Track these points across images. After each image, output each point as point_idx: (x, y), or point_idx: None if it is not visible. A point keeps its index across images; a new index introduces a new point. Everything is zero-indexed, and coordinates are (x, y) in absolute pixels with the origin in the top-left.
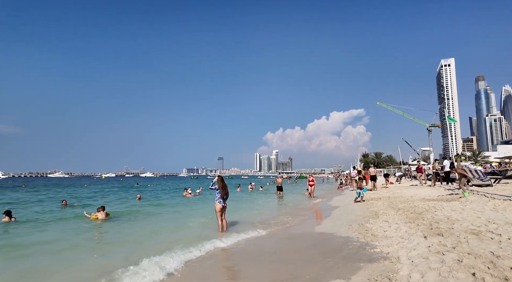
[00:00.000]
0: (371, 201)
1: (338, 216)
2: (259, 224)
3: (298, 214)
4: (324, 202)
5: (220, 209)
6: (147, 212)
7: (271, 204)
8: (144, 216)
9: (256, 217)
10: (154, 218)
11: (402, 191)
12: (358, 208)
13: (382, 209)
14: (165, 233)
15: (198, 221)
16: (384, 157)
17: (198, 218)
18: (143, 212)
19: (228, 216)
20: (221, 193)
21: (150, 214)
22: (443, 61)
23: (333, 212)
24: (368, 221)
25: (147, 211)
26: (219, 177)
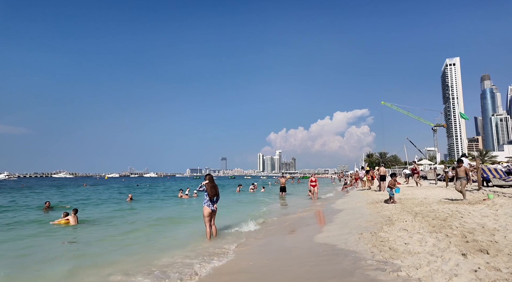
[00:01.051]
0: (381, 203)
1: (345, 222)
2: (253, 230)
3: (299, 217)
4: (328, 204)
5: (209, 213)
6: (129, 216)
7: (272, 205)
8: (122, 221)
9: (252, 221)
10: (129, 226)
11: (413, 192)
12: (367, 211)
13: (396, 213)
14: (132, 247)
15: (184, 228)
16: (389, 156)
17: (185, 223)
18: (125, 216)
19: (223, 219)
20: (210, 195)
21: (129, 219)
22: (448, 60)
23: (338, 215)
24: (381, 228)
25: (130, 215)
26: (208, 176)
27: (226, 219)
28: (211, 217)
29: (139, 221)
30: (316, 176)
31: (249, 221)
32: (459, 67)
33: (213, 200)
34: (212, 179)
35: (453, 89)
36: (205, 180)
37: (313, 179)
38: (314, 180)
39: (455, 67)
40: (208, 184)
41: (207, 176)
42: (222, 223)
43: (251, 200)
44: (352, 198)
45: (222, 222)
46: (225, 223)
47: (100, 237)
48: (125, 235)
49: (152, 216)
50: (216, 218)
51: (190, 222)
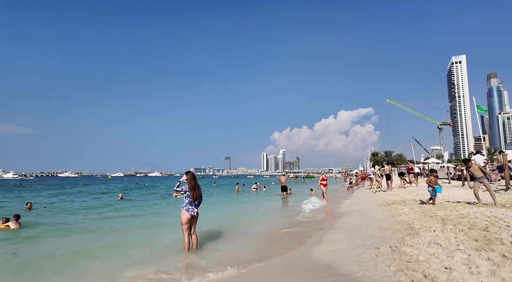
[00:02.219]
0: (394, 204)
1: (355, 229)
2: (244, 241)
3: (300, 223)
4: (334, 206)
5: (188, 219)
6: (103, 219)
7: (271, 208)
8: (89, 226)
9: (245, 228)
10: (94, 232)
11: (426, 191)
12: (379, 215)
13: (417, 219)
14: (76, 263)
15: (162, 235)
16: (394, 155)
17: (167, 229)
18: (96, 218)
19: (211, 226)
20: (191, 197)
21: (99, 224)
22: (454, 58)
23: (346, 220)
24: (404, 240)
25: (107, 217)
26: (189, 174)
27: (219, 223)
28: (191, 224)
29: (111, 225)
30: (327, 175)
31: (242, 226)
32: (465, 65)
33: (194, 204)
34: (194, 177)
35: (459, 87)
36: (186, 177)
37: (325, 178)
38: (325, 178)
39: (461, 65)
40: (189, 183)
41: (187, 173)
42: (214, 228)
43: (251, 200)
44: (359, 198)
45: (213, 226)
46: (215, 229)
47: (44, 249)
48: (80, 243)
49: (132, 218)
50: (203, 223)
51: (174, 227)
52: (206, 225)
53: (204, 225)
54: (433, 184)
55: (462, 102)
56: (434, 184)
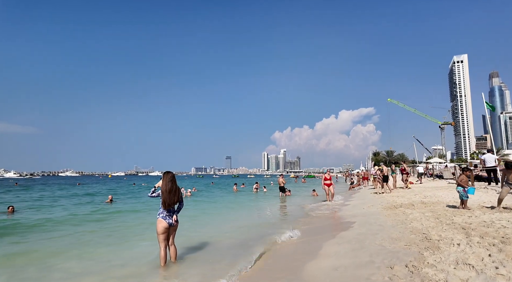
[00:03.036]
0: (401, 208)
1: (360, 238)
2: (231, 252)
3: (297, 229)
4: (335, 208)
5: (165, 228)
6: (88, 221)
7: (265, 211)
8: (59, 230)
9: (232, 236)
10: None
11: (434, 193)
12: (387, 220)
13: (432, 226)
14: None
15: (139, 245)
16: (396, 155)
17: (148, 236)
18: (69, 222)
19: (197, 233)
20: (166, 202)
21: (69, 230)
22: (455, 58)
23: (349, 226)
24: (422, 256)
25: (85, 221)
26: (168, 175)
27: (205, 230)
28: (168, 234)
29: (80, 231)
30: (330, 174)
31: (230, 234)
32: (467, 64)
33: (172, 210)
34: (173, 179)
35: (461, 86)
36: (162, 179)
37: (328, 176)
38: (328, 177)
39: (463, 64)
40: (164, 185)
41: (166, 173)
42: (192, 239)
43: (246, 201)
44: (362, 200)
45: (197, 235)
46: (196, 238)
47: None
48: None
49: (112, 222)
50: (190, 230)
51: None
52: (192, 232)
53: (189, 231)
54: (464, 184)
55: (464, 101)
56: (465, 184)
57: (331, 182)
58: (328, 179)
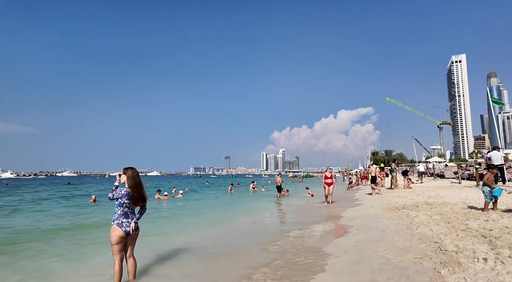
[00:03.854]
0: (404, 210)
1: (359, 248)
2: (206, 267)
3: (287, 236)
4: (331, 210)
5: (121, 238)
6: (49, 230)
7: (257, 214)
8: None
9: (212, 246)
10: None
11: (438, 193)
12: (389, 225)
13: (445, 233)
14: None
15: (97, 255)
16: (395, 154)
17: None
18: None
19: (163, 241)
20: (129, 205)
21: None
22: (454, 57)
23: (347, 231)
24: (439, 275)
25: (52, 229)
26: (131, 171)
27: (174, 240)
28: (125, 244)
29: (42, 243)
30: (331, 172)
31: (210, 243)
32: (465, 64)
33: (131, 214)
34: (135, 175)
35: (459, 86)
36: (121, 175)
37: (329, 175)
38: (330, 176)
39: (461, 64)
40: (128, 180)
41: (128, 169)
42: (162, 249)
43: (238, 202)
44: (362, 200)
45: (172, 240)
46: (167, 248)
47: None
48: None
49: (80, 228)
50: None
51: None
52: (162, 238)
53: (159, 237)
54: (490, 183)
55: (462, 101)
56: (492, 183)
57: (333, 180)
58: (329, 177)
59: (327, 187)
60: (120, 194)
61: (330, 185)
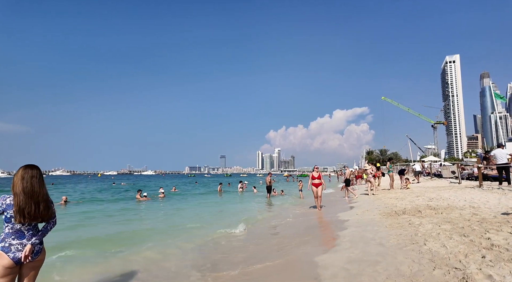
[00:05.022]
0: (404, 215)
1: (352, 273)
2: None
3: (267, 253)
4: (321, 213)
5: (6, 269)
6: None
7: (224, 221)
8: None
9: (168, 266)
10: None
11: (439, 194)
12: (389, 235)
13: (462, 251)
14: None
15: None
16: (390, 154)
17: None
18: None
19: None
20: (26, 211)
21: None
22: (448, 58)
23: (336, 244)
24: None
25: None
26: (28, 170)
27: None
28: (15, 276)
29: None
30: (319, 171)
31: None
32: (459, 64)
33: (29, 232)
34: (30, 178)
35: (453, 86)
36: (16, 176)
37: (316, 175)
38: (318, 176)
39: (455, 64)
40: (22, 184)
41: (26, 168)
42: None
43: (226, 204)
44: (358, 203)
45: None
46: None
47: None
48: None
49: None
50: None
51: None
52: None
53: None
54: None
55: (456, 101)
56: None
57: (321, 181)
58: (317, 177)
59: (314, 188)
60: (3, 204)
61: (318, 186)
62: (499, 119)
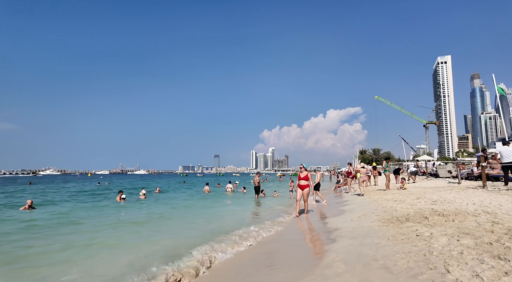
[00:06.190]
0: (409, 222)
1: None
2: None
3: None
4: (311, 218)
5: None
6: None
7: (204, 236)
8: None
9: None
10: None
11: (441, 196)
12: (395, 253)
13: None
14: None
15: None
16: (383, 153)
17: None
18: None
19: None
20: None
21: None
22: (439, 59)
23: (326, 266)
24: None
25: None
26: None
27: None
28: None
29: None
30: (308, 171)
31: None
32: (451, 65)
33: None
34: None
35: (444, 87)
36: None
37: (302, 175)
38: (304, 177)
39: (447, 65)
40: None
41: None
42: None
43: (210, 206)
44: (351, 205)
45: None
46: None
47: None
48: None
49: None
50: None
51: None
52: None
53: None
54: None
55: (447, 101)
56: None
57: (308, 183)
58: (303, 178)
59: (299, 191)
60: None
61: (304, 188)
62: (488, 120)
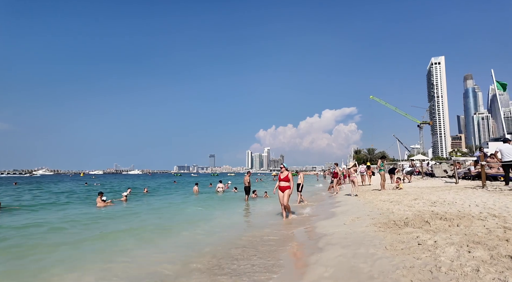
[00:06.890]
0: (408, 227)
1: None
2: None
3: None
4: (301, 222)
5: None
6: None
7: (201, 232)
8: None
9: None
10: None
11: (440, 196)
12: (397, 270)
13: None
14: None
15: None
16: (377, 153)
17: None
18: None
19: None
20: None
21: None
22: (433, 59)
23: (314, 280)
24: None
25: None
26: None
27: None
28: None
29: None
30: (289, 171)
31: None
32: (444, 66)
33: None
34: None
35: (438, 87)
36: None
37: (282, 176)
38: (284, 178)
39: (440, 66)
40: None
41: None
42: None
43: (195, 209)
44: (344, 206)
45: None
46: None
47: None
48: None
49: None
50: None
51: None
52: None
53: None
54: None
55: (441, 102)
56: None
57: (289, 184)
58: (284, 179)
59: (280, 193)
60: None
61: (284, 190)
62: (481, 120)
